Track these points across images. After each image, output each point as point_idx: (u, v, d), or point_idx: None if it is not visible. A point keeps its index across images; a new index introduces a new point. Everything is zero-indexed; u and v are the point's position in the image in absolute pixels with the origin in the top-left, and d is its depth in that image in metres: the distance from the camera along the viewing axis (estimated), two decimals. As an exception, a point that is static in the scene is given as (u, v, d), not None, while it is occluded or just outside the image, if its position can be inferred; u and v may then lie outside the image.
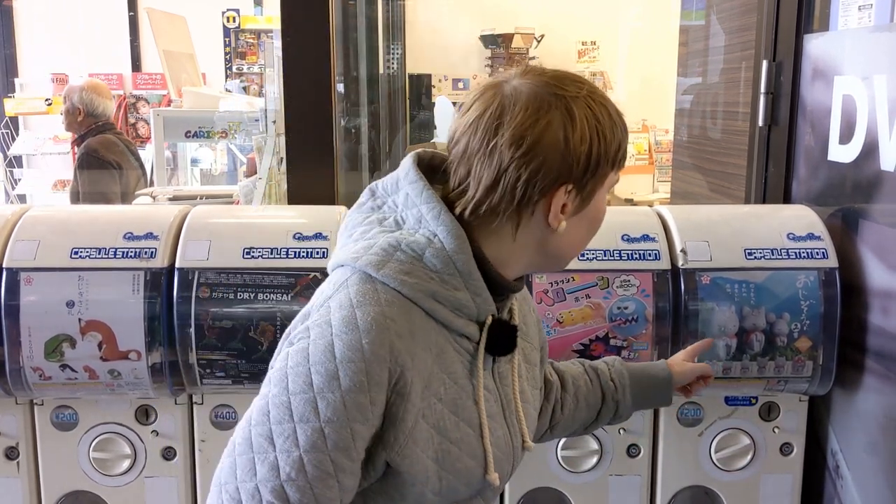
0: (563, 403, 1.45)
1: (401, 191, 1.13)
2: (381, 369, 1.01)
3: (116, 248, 1.71)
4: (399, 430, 1.04)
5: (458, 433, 1.10)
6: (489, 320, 1.12)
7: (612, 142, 1.09)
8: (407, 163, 1.14)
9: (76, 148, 4.28)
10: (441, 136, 5.97)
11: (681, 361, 1.53)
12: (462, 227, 1.08)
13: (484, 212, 1.09)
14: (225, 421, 1.81)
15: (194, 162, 6.23)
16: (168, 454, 1.83)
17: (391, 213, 1.13)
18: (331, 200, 2.02)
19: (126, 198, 4.04)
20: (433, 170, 1.16)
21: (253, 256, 1.71)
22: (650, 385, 1.48)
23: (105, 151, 4.17)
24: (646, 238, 1.77)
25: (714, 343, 1.71)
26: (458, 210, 1.09)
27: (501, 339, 1.15)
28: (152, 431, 1.82)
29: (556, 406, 1.45)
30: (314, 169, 2.04)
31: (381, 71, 4.72)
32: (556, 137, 1.05)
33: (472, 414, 1.12)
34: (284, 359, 1.04)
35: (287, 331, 1.10)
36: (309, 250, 1.73)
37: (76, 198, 4.11)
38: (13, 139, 7.50)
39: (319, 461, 0.99)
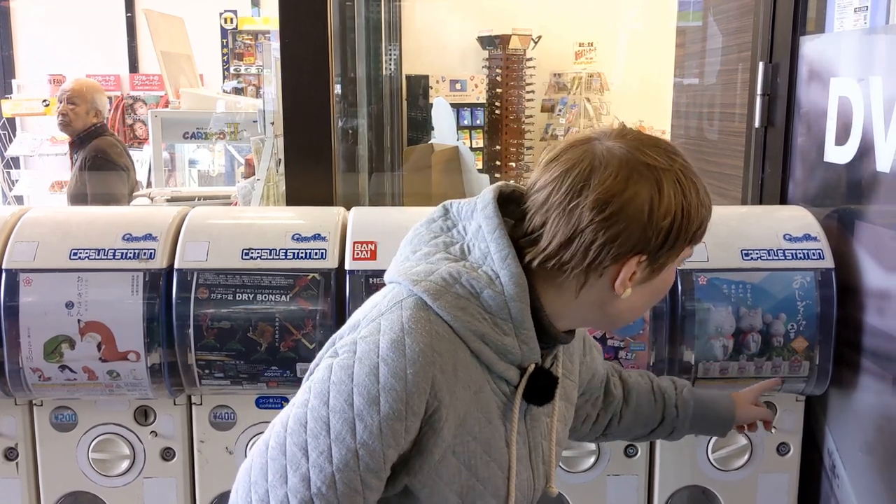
0: (621, 417, 1.47)
1: (474, 220, 1.12)
2: (421, 400, 1.01)
3: (115, 249, 1.71)
4: (425, 460, 1.05)
5: (488, 472, 1.10)
6: (531, 368, 1.11)
7: (695, 220, 1.07)
8: (488, 195, 1.12)
9: (74, 149, 4.26)
10: (438, 138, 5.97)
11: (745, 401, 1.54)
12: (526, 273, 1.08)
13: (552, 266, 1.07)
14: (224, 422, 1.82)
15: (192, 163, 6.23)
16: (167, 455, 1.83)
17: (459, 239, 1.12)
18: (329, 201, 2.03)
19: (124, 199, 4.05)
20: (511, 201, 1.15)
21: (252, 257, 1.72)
22: (712, 420, 1.50)
23: (114, 154, 4.19)
24: (643, 239, 1.77)
25: (711, 344, 1.72)
26: (527, 258, 1.08)
27: (540, 388, 1.14)
28: (151, 432, 1.82)
29: (614, 419, 1.47)
30: (312, 170, 2.04)
31: (378, 72, 4.72)
32: (641, 208, 1.03)
33: (502, 455, 1.12)
34: (328, 370, 1.04)
35: (332, 338, 1.10)
36: (307, 251, 1.73)
37: (78, 200, 4.09)
38: (10, 140, 7.50)
39: (350, 479, 1.00)
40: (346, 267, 1.72)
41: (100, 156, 4.12)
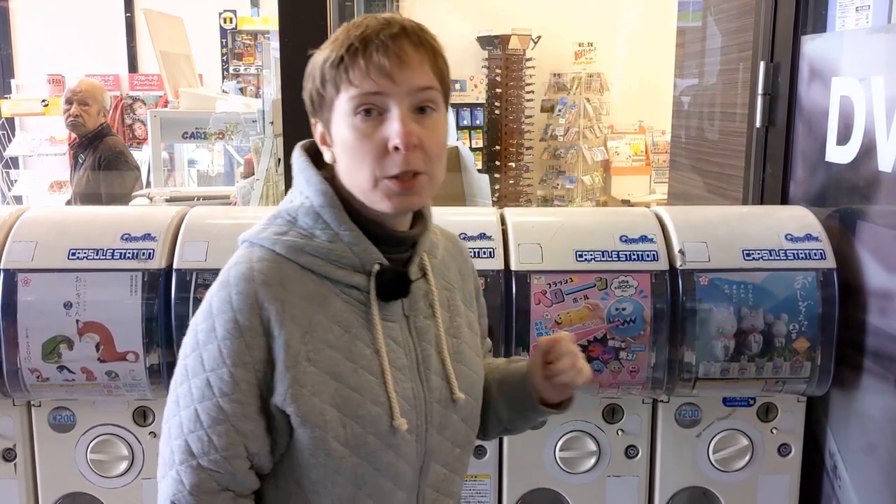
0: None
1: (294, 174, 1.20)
2: (252, 315, 1.08)
3: (114, 249, 1.71)
4: (279, 370, 1.08)
5: (358, 380, 1.12)
6: (375, 268, 1.14)
7: (318, 61, 1.13)
8: (296, 146, 1.22)
9: (81, 150, 4.23)
10: (438, 138, 5.96)
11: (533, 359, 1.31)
12: (338, 191, 1.14)
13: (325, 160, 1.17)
14: (223, 422, 1.81)
15: (191, 163, 6.22)
16: (166, 455, 1.82)
17: (291, 198, 1.19)
18: (329, 201, 2.02)
19: (125, 199, 4.04)
20: None
21: (251, 257, 1.71)
22: (514, 382, 1.31)
23: (128, 153, 4.19)
24: (644, 239, 1.77)
25: (712, 344, 1.71)
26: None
27: (394, 286, 1.16)
28: (150, 433, 1.81)
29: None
30: (312, 170, 2.04)
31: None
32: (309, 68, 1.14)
33: (371, 362, 1.13)
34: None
35: None
36: (307, 251, 1.72)
37: (88, 199, 4.07)
38: (9, 140, 7.49)
39: (209, 409, 1.07)
40: (346, 267, 1.71)
41: (117, 155, 4.12)
